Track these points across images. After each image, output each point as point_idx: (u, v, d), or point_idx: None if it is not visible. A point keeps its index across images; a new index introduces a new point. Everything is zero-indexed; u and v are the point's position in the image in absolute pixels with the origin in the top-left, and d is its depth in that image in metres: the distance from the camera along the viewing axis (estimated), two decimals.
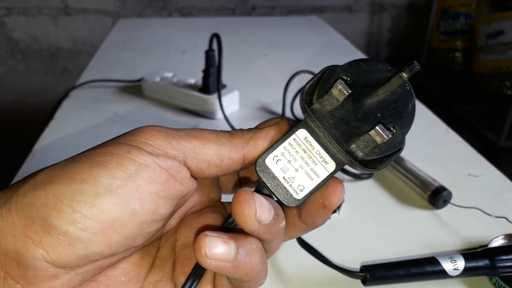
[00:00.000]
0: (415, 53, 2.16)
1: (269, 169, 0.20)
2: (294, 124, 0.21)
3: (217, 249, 0.17)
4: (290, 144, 0.20)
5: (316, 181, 0.20)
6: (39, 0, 2.05)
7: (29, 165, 0.47)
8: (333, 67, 0.20)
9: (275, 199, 0.20)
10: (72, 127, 0.55)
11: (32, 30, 2.12)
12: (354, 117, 0.19)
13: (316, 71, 0.21)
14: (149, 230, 0.18)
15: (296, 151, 0.20)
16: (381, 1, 2.23)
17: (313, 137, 0.20)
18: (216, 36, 0.53)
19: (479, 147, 0.53)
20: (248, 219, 0.18)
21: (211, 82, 0.57)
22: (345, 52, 0.89)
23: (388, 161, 0.19)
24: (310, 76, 0.59)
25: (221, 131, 0.20)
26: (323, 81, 0.20)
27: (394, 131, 0.19)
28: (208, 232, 0.18)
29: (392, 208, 0.41)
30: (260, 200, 0.18)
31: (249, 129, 0.21)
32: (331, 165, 0.20)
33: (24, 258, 0.16)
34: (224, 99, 0.56)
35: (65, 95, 0.64)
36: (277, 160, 0.20)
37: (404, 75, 0.19)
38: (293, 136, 0.20)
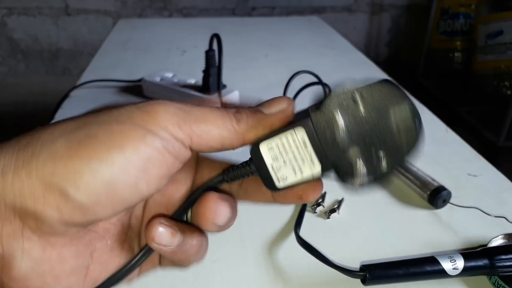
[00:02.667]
0: (415, 53, 2.17)
1: (261, 154, 0.21)
2: (297, 116, 0.22)
3: (163, 237, 0.20)
4: (286, 138, 0.21)
5: (299, 177, 0.21)
6: (39, 0, 2.05)
7: None
8: (351, 87, 0.21)
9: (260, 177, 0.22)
10: None
11: (33, 31, 2.12)
12: (347, 144, 0.20)
13: (316, 71, 0.22)
14: (145, 199, 0.21)
15: (290, 146, 0.21)
16: (380, 1, 2.23)
17: (309, 138, 0.21)
18: (216, 36, 0.54)
19: (478, 147, 0.53)
20: (206, 223, 0.21)
21: (211, 82, 0.57)
22: (345, 52, 0.90)
23: (368, 186, 0.20)
24: (310, 76, 0.59)
25: (228, 114, 0.21)
26: (332, 93, 0.21)
27: (382, 164, 0.20)
28: (162, 220, 0.21)
29: (391, 207, 0.41)
30: (221, 208, 0.21)
31: (255, 112, 0.22)
32: (317, 169, 0.21)
33: (41, 217, 0.18)
34: (224, 99, 0.56)
35: (65, 95, 0.64)
36: (270, 149, 0.21)
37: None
38: (292, 131, 0.21)
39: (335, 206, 0.40)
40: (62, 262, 0.19)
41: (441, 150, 0.51)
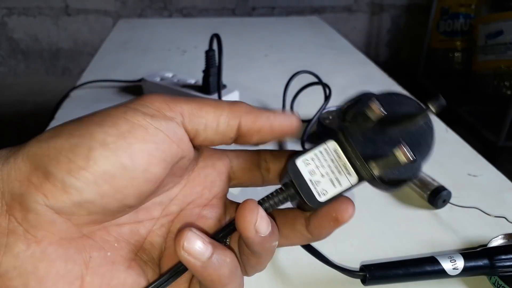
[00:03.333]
0: (415, 53, 2.17)
1: (298, 170, 0.22)
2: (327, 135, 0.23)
3: (195, 245, 0.19)
4: (320, 152, 0.22)
5: (339, 189, 0.22)
6: (40, 0, 2.05)
7: None
8: (370, 93, 0.22)
9: (299, 198, 0.22)
10: None
11: (33, 31, 2.12)
12: (381, 140, 0.22)
13: (316, 71, 0.23)
14: (142, 189, 0.19)
15: (325, 159, 0.22)
16: (380, 1, 2.23)
17: (341, 149, 0.22)
18: (216, 37, 0.54)
19: (478, 147, 0.53)
20: (248, 225, 0.20)
21: (211, 82, 0.57)
22: (345, 53, 0.90)
23: (404, 184, 0.21)
24: (310, 76, 0.59)
25: (222, 101, 0.22)
26: (360, 103, 0.22)
27: (415, 158, 0.21)
28: (193, 228, 0.19)
29: (391, 207, 0.41)
30: (262, 212, 0.20)
31: (253, 107, 0.22)
32: (354, 178, 0.22)
33: (26, 200, 0.17)
34: (224, 99, 0.56)
35: (65, 95, 0.64)
36: (307, 164, 0.22)
37: (433, 110, 0.21)
38: (324, 146, 0.22)
39: None
40: (46, 262, 0.18)
41: (441, 150, 0.51)
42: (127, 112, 0.19)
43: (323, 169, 0.22)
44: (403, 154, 0.20)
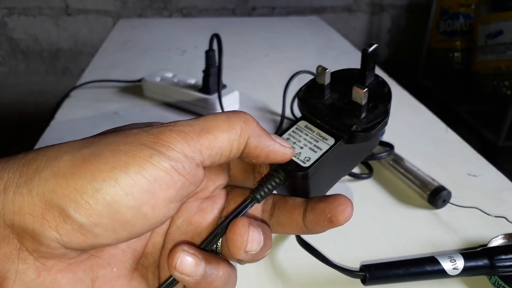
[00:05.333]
0: (415, 53, 2.17)
1: None
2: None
3: (187, 264, 0.19)
4: (293, 131, 0.25)
5: (320, 153, 0.23)
6: (40, 0, 2.05)
7: None
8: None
9: (288, 174, 0.23)
10: (72, 127, 0.56)
11: (33, 31, 2.12)
12: (341, 102, 0.24)
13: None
14: (154, 227, 0.20)
15: (299, 135, 0.24)
16: (380, 1, 2.23)
17: (311, 124, 0.25)
18: (216, 36, 0.54)
19: (478, 147, 0.53)
20: (238, 250, 0.20)
21: (211, 82, 0.57)
22: (345, 52, 0.90)
23: (377, 128, 0.23)
24: (310, 76, 0.59)
25: (234, 117, 0.21)
26: (312, 82, 0.25)
27: (377, 106, 0.24)
28: (185, 247, 0.20)
29: (391, 207, 0.41)
30: (253, 234, 0.20)
31: (259, 128, 0.22)
32: (331, 140, 0.24)
33: (39, 236, 0.17)
34: (224, 99, 0.56)
35: (65, 95, 0.64)
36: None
37: (367, 48, 0.23)
38: (295, 126, 0.25)
39: None
40: None
41: (441, 150, 0.51)
42: (153, 156, 0.18)
43: (300, 143, 0.24)
44: (357, 91, 0.22)
